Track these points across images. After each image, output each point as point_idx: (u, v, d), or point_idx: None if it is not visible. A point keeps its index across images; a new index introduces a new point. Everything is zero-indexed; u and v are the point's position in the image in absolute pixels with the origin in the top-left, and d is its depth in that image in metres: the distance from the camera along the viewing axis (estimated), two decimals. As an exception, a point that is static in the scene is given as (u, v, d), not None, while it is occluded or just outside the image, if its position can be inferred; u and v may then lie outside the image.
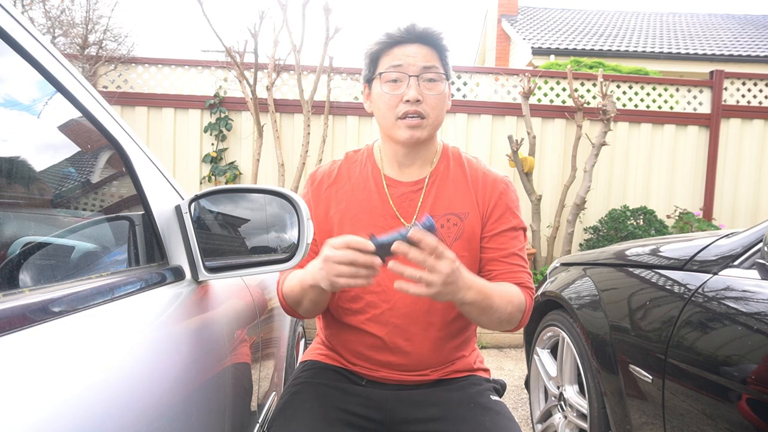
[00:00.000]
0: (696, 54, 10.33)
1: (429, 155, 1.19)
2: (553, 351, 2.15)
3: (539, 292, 2.22)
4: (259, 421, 1.29)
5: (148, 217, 0.87)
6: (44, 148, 0.68)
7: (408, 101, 1.08)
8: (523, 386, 2.51)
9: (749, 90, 5.38)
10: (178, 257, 0.91)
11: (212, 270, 0.91)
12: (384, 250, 0.88)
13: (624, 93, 5.29)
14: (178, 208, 0.91)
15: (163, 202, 0.92)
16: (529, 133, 4.84)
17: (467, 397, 1.13)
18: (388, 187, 1.17)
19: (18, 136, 0.63)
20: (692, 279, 1.35)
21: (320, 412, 1.09)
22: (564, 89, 5.24)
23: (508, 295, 1.08)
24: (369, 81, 1.17)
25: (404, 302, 1.12)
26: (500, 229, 1.15)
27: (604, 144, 4.73)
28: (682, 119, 5.27)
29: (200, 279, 0.91)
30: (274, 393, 1.53)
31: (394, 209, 1.15)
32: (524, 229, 1.20)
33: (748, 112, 5.31)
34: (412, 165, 1.18)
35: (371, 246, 0.87)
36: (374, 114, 1.17)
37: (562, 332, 1.94)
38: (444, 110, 1.15)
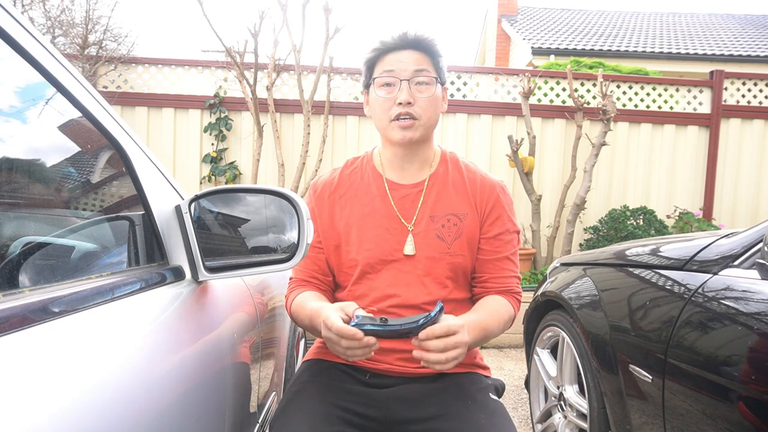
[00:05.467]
0: (696, 54, 10.33)
1: (427, 157, 1.24)
2: (553, 351, 2.15)
3: (539, 292, 2.22)
4: (259, 421, 1.29)
5: (148, 217, 0.87)
6: (44, 148, 0.68)
7: (400, 104, 1.14)
8: (523, 386, 2.51)
9: (749, 90, 5.38)
10: (178, 257, 0.91)
11: (212, 270, 0.91)
12: (378, 334, 0.93)
13: (624, 93, 5.29)
14: (178, 208, 0.91)
15: (163, 202, 0.92)
16: (529, 133, 4.84)
17: (466, 394, 1.15)
18: (390, 190, 1.23)
19: (18, 136, 0.63)
20: (692, 279, 1.35)
21: (321, 410, 1.10)
22: (564, 89, 5.24)
23: (499, 314, 1.17)
24: (367, 87, 1.23)
25: (406, 296, 1.18)
26: (495, 232, 1.22)
27: (604, 144, 4.73)
28: (682, 119, 5.27)
29: (200, 279, 0.91)
30: (274, 393, 1.53)
31: (396, 211, 1.21)
32: (518, 232, 1.27)
33: (748, 112, 5.32)
34: (411, 168, 1.23)
35: (360, 335, 0.92)
36: (372, 118, 1.23)
37: (562, 332, 1.94)
38: (437, 112, 1.20)
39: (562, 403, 1.96)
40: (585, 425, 1.77)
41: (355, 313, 0.97)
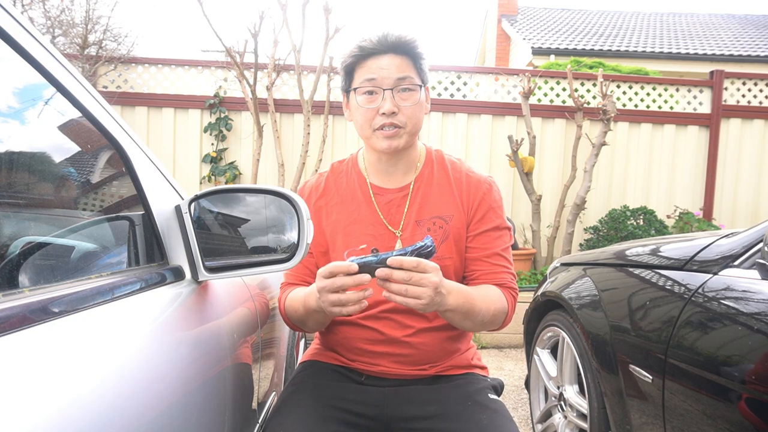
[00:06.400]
0: (696, 54, 10.33)
1: (412, 161, 1.22)
2: (553, 351, 2.15)
3: (539, 292, 2.22)
4: (259, 421, 1.29)
5: (148, 217, 0.87)
6: (44, 148, 0.68)
7: (384, 114, 1.11)
8: (523, 386, 2.51)
9: (749, 90, 5.38)
10: (178, 257, 0.91)
11: (212, 270, 0.91)
12: (371, 268, 0.93)
13: (624, 93, 5.29)
14: (178, 208, 0.91)
15: (163, 202, 0.92)
16: (529, 133, 4.84)
17: (465, 394, 1.14)
18: (375, 196, 1.20)
19: (18, 136, 0.63)
20: (692, 279, 1.35)
21: (316, 410, 1.10)
22: (564, 89, 5.24)
23: (489, 297, 1.11)
24: (346, 92, 1.19)
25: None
26: (483, 228, 1.18)
27: (604, 144, 4.73)
28: (682, 119, 5.27)
29: (200, 279, 0.91)
30: (274, 393, 1.53)
31: (382, 217, 1.19)
32: (508, 229, 1.23)
33: (748, 112, 5.32)
34: (395, 172, 1.21)
35: (355, 267, 0.92)
36: (354, 124, 1.19)
37: (562, 332, 1.94)
38: (422, 117, 1.17)
39: (562, 403, 1.96)
40: (585, 425, 1.77)
41: (348, 257, 0.97)
